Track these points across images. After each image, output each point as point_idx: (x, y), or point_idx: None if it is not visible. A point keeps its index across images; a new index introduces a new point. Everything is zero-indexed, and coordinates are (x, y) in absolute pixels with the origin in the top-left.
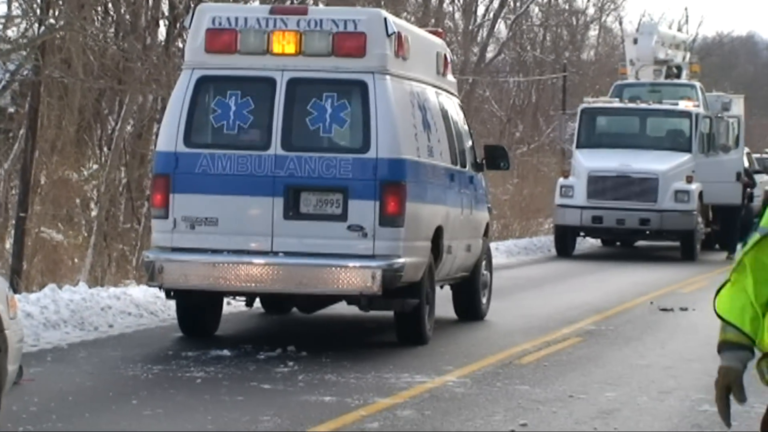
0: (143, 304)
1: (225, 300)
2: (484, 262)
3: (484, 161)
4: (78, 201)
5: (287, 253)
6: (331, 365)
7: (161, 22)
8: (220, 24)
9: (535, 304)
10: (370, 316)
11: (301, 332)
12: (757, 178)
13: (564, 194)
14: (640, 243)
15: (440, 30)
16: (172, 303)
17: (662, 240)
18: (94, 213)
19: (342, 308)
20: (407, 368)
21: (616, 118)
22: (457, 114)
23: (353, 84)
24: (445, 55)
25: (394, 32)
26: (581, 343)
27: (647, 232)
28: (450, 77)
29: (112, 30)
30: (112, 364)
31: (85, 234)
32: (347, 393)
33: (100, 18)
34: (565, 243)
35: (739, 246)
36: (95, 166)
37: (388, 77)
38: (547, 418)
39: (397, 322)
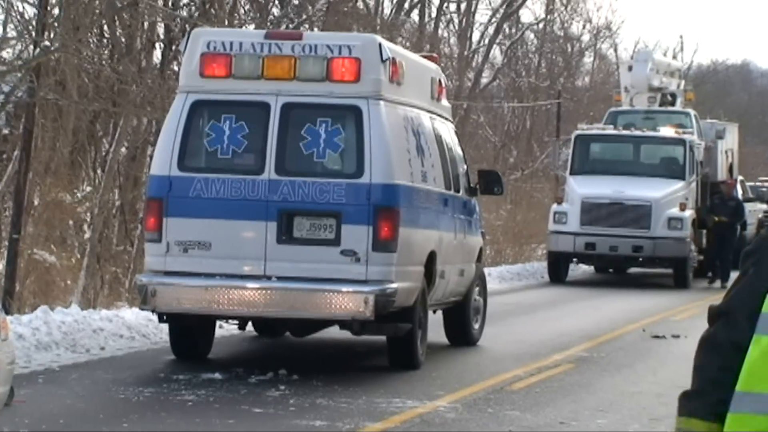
0: (135, 327)
1: (217, 323)
2: (477, 288)
3: (478, 186)
4: (71, 223)
5: (280, 278)
6: (323, 389)
7: (156, 45)
8: (215, 48)
9: (527, 330)
10: (361, 340)
11: (292, 356)
12: (751, 206)
13: (557, 220)
14: (633, 270)
15: (435, 55)
16: (164, 326)
17: (655, 267)
18: (87, 235)
19: (334, 332)
20: (398, 393)
21: (610, 145)
22: (451, 139)
23: (347, 109)
24: (439, 80)
25: (389, 58)
26: (573, 369)
27: (640, 259)
28: (444, 102)
29: (107, 52)
30: (104, 387)
31: (78, 256)
32: (338, 417)
33: (95, 40)
34: (558, 269)
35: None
36: (89, 188)
37: (382, 102)
38: None
39: (389, 346)
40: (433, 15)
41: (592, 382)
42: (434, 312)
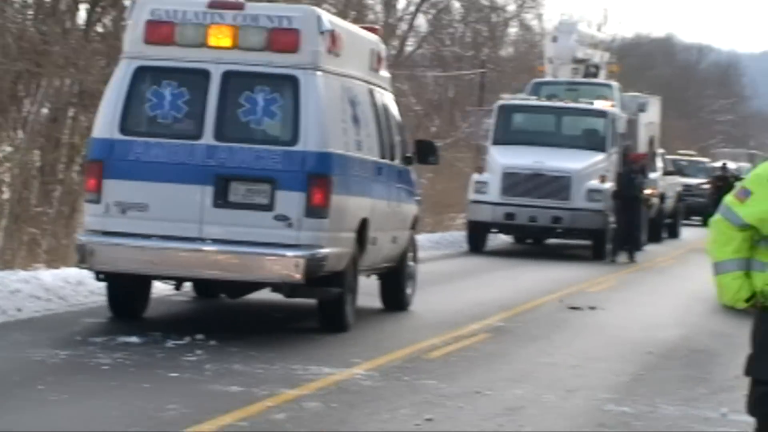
0: (53, 289)
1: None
2: (410, 254)
3: (414, 155)
4: None
5: (215, 240)
6: (239, 355)
7: (81, 6)
8: (159, 16)
9: (444, 299)
10: (280, 306)
11: (209, 321)
12: (671, 179)
13: (478, 190)
14: (552, 241)
15: (377, 27)
16: (82, 288)
17: (574, 238)
18: (5, 195)
19: (261, 296)
20: (315, 360)
21: (532, 116)
22: (389, 109)
23: (285, 78)
24: (379, 52)
25: (327, 29)
26: (489, 339)
27: (559, 230)
28: (384, 73)
29: (32, 12)
30: (19, 349)
31: None
32: (254, 383)
33: (19, 0)
34: (477, 239)
35: None
36: (9, 149)
37: (319, 73)
38: (453, 413)
39: (319, 309)
40: None
41: (508, 352)
42: (368, 277)
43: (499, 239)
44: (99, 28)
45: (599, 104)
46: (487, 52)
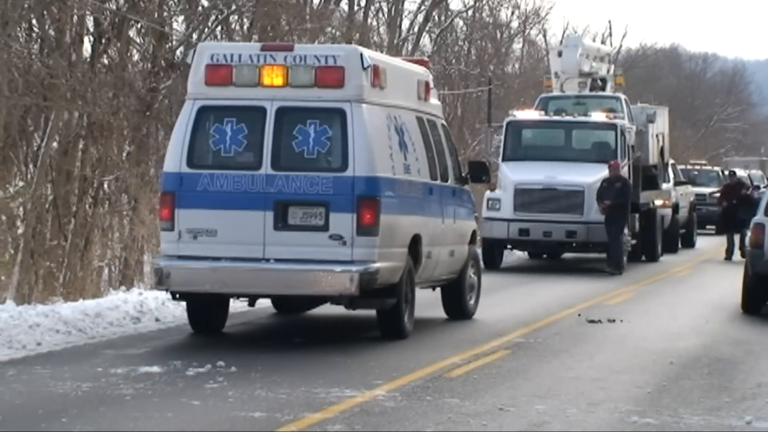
0: (71, 322)
1: (154, 317)
2: (472, 267)
3: (468, 175)
4: (4, 218)
5: (277, 260)
6: (261, 380)
7: (86, 39)
8: (218, 60)
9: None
10: (300, 330)
11: (230, 348)
12: (682, 189)
13: (491, 207)
14: (567, 255)
15: (426, 59)
16: (101, 320)
17: (589, 252)
18: (20, 230)
19: (278, 320)
20: (337, 383)
21: (541, 131)
22: (439, 134)
23: (333, 112)
24: (426, 82)
25: (370, 65)
26: (510, 355)
27: (574, 245)
28: (433, 101)
29: (37, 47)
30: (42, 383)
31: (12, 251)
32: (277, 408)
33: (24, 35)
34: (492, 256)
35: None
36: (21, 184)
37: (364, 105)
38: (477, 431)
39: (379, 319)
40: (363, 4)
41: (529, 368)
42: (433, 289)
43: (514, 255)
44: (105, 60)
45: (608, 117)
46: (493, 69)
